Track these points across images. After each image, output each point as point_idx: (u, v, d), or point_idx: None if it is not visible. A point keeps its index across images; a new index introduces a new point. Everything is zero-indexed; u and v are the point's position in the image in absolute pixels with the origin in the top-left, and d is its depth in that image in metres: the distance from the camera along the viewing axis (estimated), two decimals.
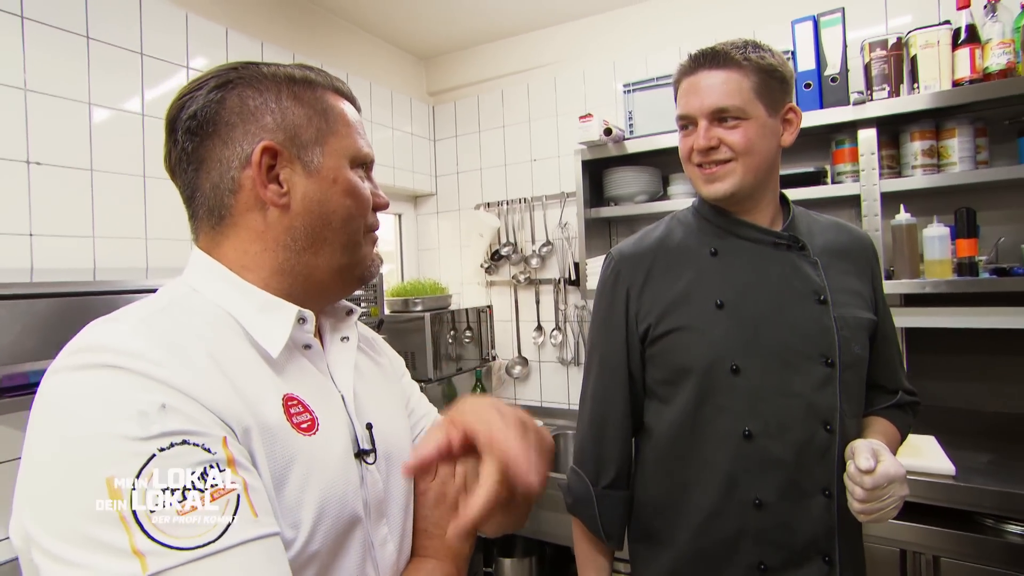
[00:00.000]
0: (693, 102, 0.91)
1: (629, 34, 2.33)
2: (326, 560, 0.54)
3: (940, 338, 1.74)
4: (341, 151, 0.62)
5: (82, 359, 0.47)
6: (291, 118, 0.59)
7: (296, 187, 0.59)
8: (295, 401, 0.56)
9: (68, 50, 1.47)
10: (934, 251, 1.58)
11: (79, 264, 1.50)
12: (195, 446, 0.45)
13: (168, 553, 0.41)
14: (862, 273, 0.97)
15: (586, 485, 1.00)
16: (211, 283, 0.58)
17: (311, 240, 0.60)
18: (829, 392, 0.88)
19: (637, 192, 2.11)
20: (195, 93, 0.58)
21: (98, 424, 0.43)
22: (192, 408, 0.46)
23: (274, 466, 0.51)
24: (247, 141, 0.57)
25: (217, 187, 0.58)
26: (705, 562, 0.91)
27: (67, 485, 0.43)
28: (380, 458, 0.63)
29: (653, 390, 0.97)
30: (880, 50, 1.64)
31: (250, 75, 0.59)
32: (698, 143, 0.90)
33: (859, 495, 0.80)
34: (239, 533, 0.44)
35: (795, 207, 0.99)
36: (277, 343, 0.56)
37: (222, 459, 0.46)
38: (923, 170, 1.63)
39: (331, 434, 0.57)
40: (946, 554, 1.38)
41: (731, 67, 0.89)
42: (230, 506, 0.44)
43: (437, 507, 0.68)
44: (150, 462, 0.43)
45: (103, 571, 0.40)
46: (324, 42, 2.25)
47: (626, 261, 1.00)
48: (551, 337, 2.51)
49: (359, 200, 0.63)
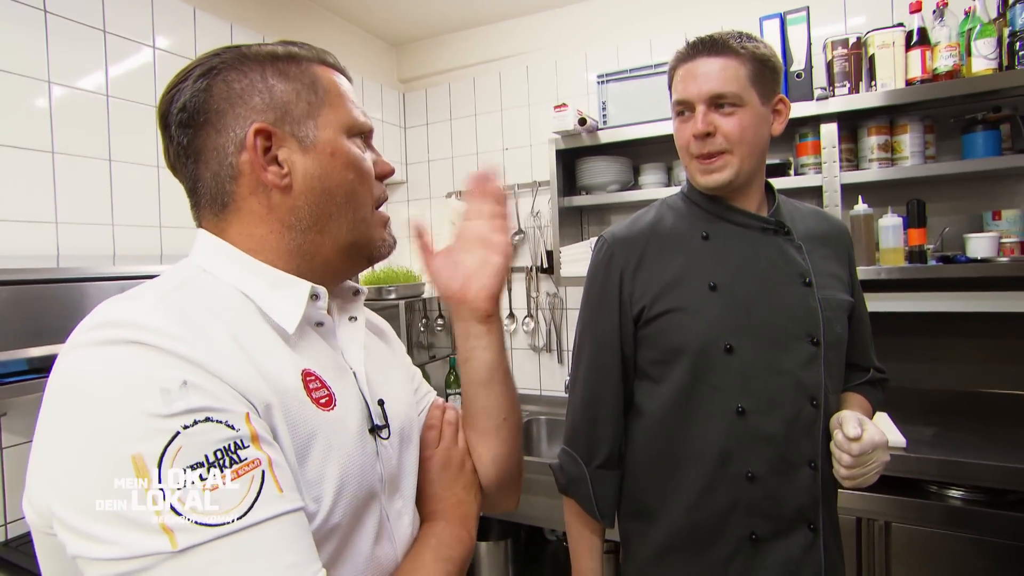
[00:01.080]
0: (691, 87, 0.93)
1: (601, 26, 2.36)
2: (346, 533, 0.54)
3: (890, 321, 1.86)
4: (335, 122, 0.60)
5: (103, 334, 0.46)
6: (279, 95, 0.58)
7: (296, 166, 0.58)
8: (313, 376, 0.56)
9: (25, 24, 1.40)
10: (888, 240, 1.69)
11: (41, 251, 1.43)
12: (218, 423, 0.45)
13: (197, 529, 0.42)
14: (840, 258, 1.03)
15: (579, 465, 1.02)
16: (221, 263, 0.58)
17: (316, 218, 0.59)
18: (815, 369, 0.93)
19: (609, 181, 2.16)
20: (181, 85, 0.57)
21: (122, 401, 0.43)
22: (213, 385, 0.46)
23: (296, 441, 0.51)
24: (239, 126, 0.57)
25: (217, 176, 0.58)
26: (699, 534, 0.94)
27: (93, 462, 0.43)
28: (393, 434, 0.64)
29: (644, 370, 1.00)
30: (841, 48, 1.73)
31: (232, 58, 0.58)
32: (696, 128, 0.92)
33: (846, 461, 0.85)
34: (265, 509, 0.45)
35: (779, 195, 1.04)
36: (292, 319, 0.56)
37: (246, 435, 0.46)
38: (879, 163, 1.74)
39: (347, 410, 0.58)
40: (896, 519, 1.49)
41: (728, 54, 0.91)
42: (255, 482, 0.45)
43: (444, 471, 0.70)
44: (175, 439, 0.43)
45: (133, 547, 0.41)
46: (295, 25, 2.19)
47: (619, 244, 1.01)
48: (523, 324, 2.55)
49: (361, 171, 0.61)
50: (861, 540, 1.54)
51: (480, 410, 0.72)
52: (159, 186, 1.67)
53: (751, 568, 0.92)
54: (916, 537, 1.47)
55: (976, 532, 1.41)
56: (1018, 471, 1.38)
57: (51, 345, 1.25)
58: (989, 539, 1.39)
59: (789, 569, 0.92)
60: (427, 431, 0.73)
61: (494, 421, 0.72)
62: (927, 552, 1.46)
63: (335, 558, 0.53)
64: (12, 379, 1.18)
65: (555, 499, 1.83)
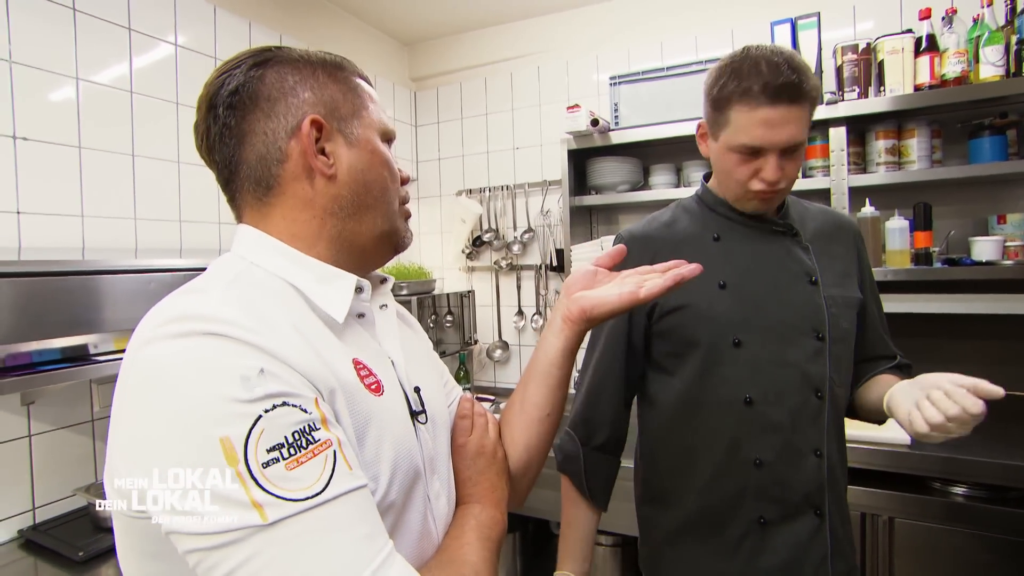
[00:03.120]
0: (771, 137, 0.89)
1: (612, 28, 2.39)
2: (400, 510, 0.58)
3: (895, 323, 1.88)
4: (374, 125, 0.66)
5: (180, 327, 0.49)
6: (329, 93, 0.63)
7: (341, 158, 0.63)
8: (362, 365, 0.59)
9: (55, 22, 1.43)
10: (895, 242, 1.72)
11: (67, 243, 1.46)
12: (294, 407, 0.48)
13: (283, 504, 0.45)
14: (848, 255, 1.07)
15: (576, 444, 1.07)
16: (269, 256, 0.60)
17: (356, 207, 0.63)
18: (820, 363, 0.97)
19: (619, 182, 2.19)
20: (233, 71, 0.61)
21: (207, 388, 0.46)
22: (286, 372, 0.49)
23: (356, 424, 0.55)
24: (291, 114, 0.60)
25: (264, 158, 0.60)
26: (710, 518, 0.99)
27: (185, 445, 0.46)
28: (429, 419, 0.67)
29: (660, 363, 1.05)
30: (851, 54, 1.76)
31: (284, 56, 0.63)
32: (769, 176, 0.92)
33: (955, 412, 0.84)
34: (339, 485, 0.48)
35: (788, 197, 1.08)
36: (341, 310, 0.60)
37: (317, 418, 0.49)
38: (886, 167, 1.77)
39: (393, 396, 0.62)
40: (900, 515, 1.52)
41: (803, 102, 0.89)
42: (328, 461, 0.48)
43: (478, 458, 0.73)
44: (258, 422, 0.46)
45: (227, 521, 0.44)
46: (310, 23, 2.22)
47: (636, 242, 1.06)
48: (532, 322, 2.58)
49: (392, 171, 0.67)
50: (866, 535, 1.57)
51: (531, 397, 0.78)
52: (179, 181, 1.70)
53: (759, 550, 0.97)
54: (919, 532, 1.50)
55: (978, 528, 1.44)
56: (1019, 468, 1.41)
57: (79, 335, 1.28)
58: (990, 535, 1.43)
59: (796, 552, 0.96)
60: (460, 420, 0.77)
61: (539, 412, 0.78)
62: (930, 547, 1.49)
63: (392, 533, 0.56)
64: (41, 368, 1.21)
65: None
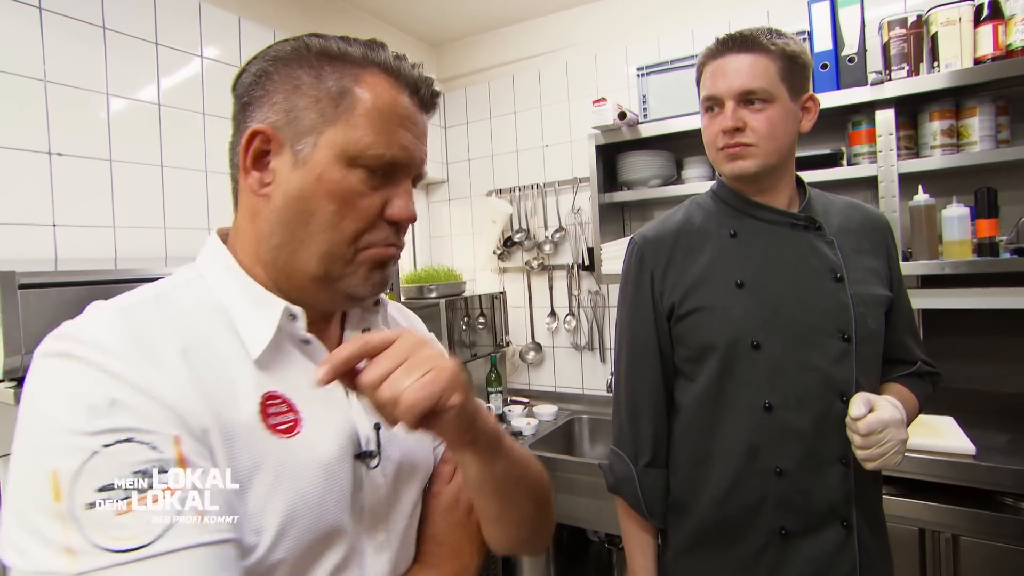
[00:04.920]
0: (720, 83, 0.93)
1: (641, 18, 2.30)
2: (295, 570, 0.51)
3: (957, 319, 1.73)
4: (339, 144, 0.53)
5: (51, 346, 0.47)
6: (297, 99, 0.54)
7: (281, 178, 0.54)
8: (278, 400, 0.53)
9: (86, 41, 1.48)
10: (953, 232, 1.57)
11: (101, 253, 1.51)
12: (141, 444, 0.43)
13: (98, 554, 0.40)
14: (877, 251, 1.01)
15: (627, 464, 1.04)
16: (215, 271, 0.57)
17: (288, 238, 0.54)
18: (846, 365, 0.92)
19: (651, 176, 2.10)
20: (251, 64, 0.58)
21: (50, 415, 0.43)
22: (144, 404, 0.44)
23: (240, 468, 0.48)
24: (255, 119, 0.55)
25: (233, 158, 0.58)
26: (729, 527, 0.95)
27: (23, 473, 0.43)
28: (388, 462, 0.59)
29: (680, 368, 1.02)
30: (900, 28, 1.62)
31: (290, 48, 0.56)
32: (725, 123, 0.93)
33: (857, 442, 0.85)
34: (178, 538, 0.42)
35: (811, 189, 1.03)
36: (261, 341, 0.53)
37: (170, 459, 0.44)
38: (942, 150, 1.62)
39: (319, 435, 0.54)
40: (965, 532, 1.39)
41: (758, 51, 0.92)
42: (172, 509, 0.43)
43: (449, 513, 0.64)
44: (92, 458, 0.42)
45: (37, 563, 0.40)
46: (335, 29, 2.23)
47: (649, 245, 1.03)
48: (564, 323, 2.52)
49: (347, 206, 0.54)
50: (925, 553, 1.44)
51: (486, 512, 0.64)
52: (207, 190, 1.74)
53: (781, 563, 0.92)
54: (988, 553, 1.36)
55: None
56: None
57: None
58: None
59: (820, 566, 0.91)
60: (442, 464, 0.67)
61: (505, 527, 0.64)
62: (1000, 570, 1.35)
63: None
64: None
65: (598, 500, 1.81)
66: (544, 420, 2.32)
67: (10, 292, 1.11)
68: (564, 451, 2.26)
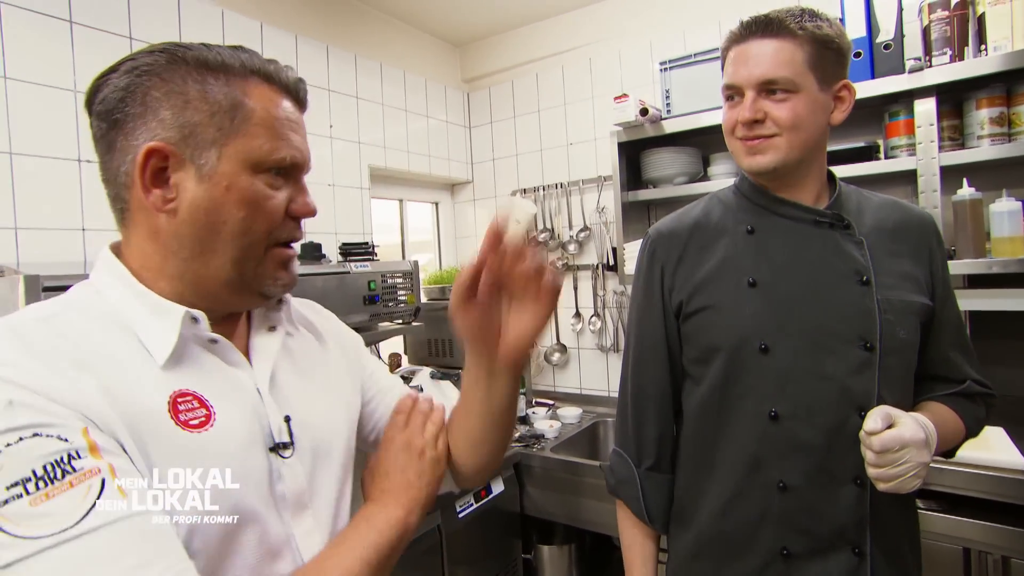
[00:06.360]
0: (741, 72, 0.86)
1: (666, 11, 2.24)
2: (213, 561, 0.53)
3: (1007, 322, 1.60)
4: (243, 154, 0.56)
5: None
6: (190, 115, 0.55)
7: (185, 192, 0.55)
8: (189, 397, 0.54)
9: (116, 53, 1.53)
10: (1003, 228, 1.45)
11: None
12: (48, 437, 0.45)
13: (22, 543, 0.42)
14: (918, 255, 0.91)
15: (629, 466, 0.99)
16: (112, 286, 0.57)
17: (199, 249, 0.56)
18: (867, 377, 0.84)
19: (676, 174, 2.04)
20: (109, 76, 0.56)
21: None
22: (44, 403, 0.46)
23: (149, 465, 0.50)
24: (142, 137, 0.54)
25: (117, 178, 0.57)
26: (727, 544, 0.89)
27: None
28: (303, 451, 0.62)
29: (687, 370, 0.96)
30: (942, 11, 1.51)
31: (161, 62, 0.55)
32: (743, 115, 0.86)
33: (870, 459, 0.77)
34: (104, 515, 0.44)
35: (843, 185, 0.94)
36: (165, 347, 0.55)
37: (81, 447, 0.45)
38: (991, 140, 1.50)
39: (231, 428, 0.56)
40: (1017, 555, 1.29)
41: (784, 36, 0.83)
42: (92, 490, 0.44)
43: (402, 452, 0.71)
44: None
45: None
46: (357, 32, 2.26)
47: (662, 239, 0.98)
48: (590, 324, 2.47)
49: (257, 210, 0.57)
50: (971, 575, 1.34)
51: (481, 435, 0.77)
52: None
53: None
54: None
55: None
56: None
57: None
58: None
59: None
60: (395, 415, 0.75)
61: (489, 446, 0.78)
62: None
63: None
64: None
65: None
66: (568, 423, 2.29)
67: (34, 295, 1.15)
68: (588, 455, 2.21)
